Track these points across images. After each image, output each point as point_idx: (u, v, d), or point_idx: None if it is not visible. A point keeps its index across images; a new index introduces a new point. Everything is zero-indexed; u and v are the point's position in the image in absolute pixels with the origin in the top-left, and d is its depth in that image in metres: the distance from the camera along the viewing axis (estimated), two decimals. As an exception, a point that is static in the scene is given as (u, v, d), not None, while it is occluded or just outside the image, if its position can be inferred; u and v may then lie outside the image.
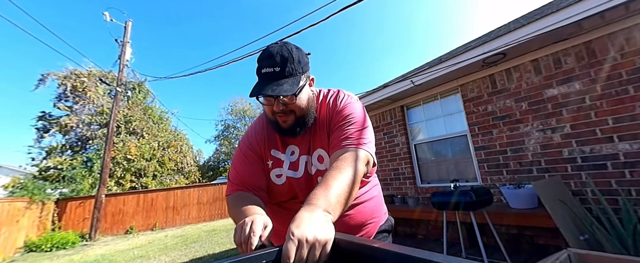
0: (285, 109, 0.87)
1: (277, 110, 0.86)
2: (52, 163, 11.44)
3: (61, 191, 10.31)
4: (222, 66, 9.01)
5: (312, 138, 0.98)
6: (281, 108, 0.86)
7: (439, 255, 0.36)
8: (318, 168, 0.94)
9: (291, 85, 0.81)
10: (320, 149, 0.95)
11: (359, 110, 0.96)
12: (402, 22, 57.70)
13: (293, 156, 0.97)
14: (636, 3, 2.17)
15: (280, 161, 0.98)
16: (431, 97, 4.10)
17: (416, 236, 4.04)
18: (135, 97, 15.09)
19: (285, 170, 0.96)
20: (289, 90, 0.79)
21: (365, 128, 0.91)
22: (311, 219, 0.56)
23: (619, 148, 2.37)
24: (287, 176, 0.95)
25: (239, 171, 0.98)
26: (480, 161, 3.35)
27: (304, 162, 0.96)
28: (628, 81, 2.33)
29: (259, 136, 1.02)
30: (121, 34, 10.05)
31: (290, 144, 0.99)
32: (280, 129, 0.93)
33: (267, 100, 0.86)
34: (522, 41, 2.68)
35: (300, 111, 0.89)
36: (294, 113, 0.89)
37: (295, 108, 0.88)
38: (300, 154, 0.97)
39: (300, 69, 0.85)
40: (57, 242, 7.29)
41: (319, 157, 0.95)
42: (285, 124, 0.90)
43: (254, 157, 0.99)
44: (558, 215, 2.04)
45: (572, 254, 0.54)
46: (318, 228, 0.53)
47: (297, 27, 5.48)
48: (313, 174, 0.94)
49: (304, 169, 0.95)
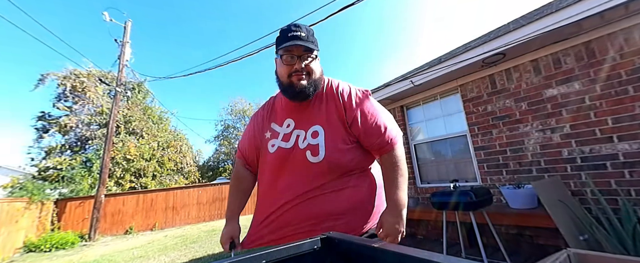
0: (304, 69, 0.99)
1: (298, 68, 0.98)
2: (52, 163, 11.41)
3: (60, 192, 10.29)
4: (221, 66, 8.99)
5: (311, 113, 1.06)
6: (303, 65, 0.98)
7: (438, 255, 0.36)
8: (310, 142, 1.01)
9: (314, 46, 0.99)
10: (317, 126, 1.03)
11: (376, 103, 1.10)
12: (402, 22, 57.72)
13: (288, 129, 1.08)
14: (636, 3, 2.17)
15: (276, 133, 1.10)
16: (431, 98, 4.10)
17: (416, 236, 4.04)
18: (135, 98, 15.07)
19: (279, 141, 1.07)
20: (313, 48, 0.98)
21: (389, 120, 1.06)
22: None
23: (618, 148, 2.37)
24: (279, 146, 1.06)
25: (242, 142, 1.22)
26: (480, 161, 3.35)
27: (296, 136, 1.04)
28: (627, 81, 2.33)
29: (265, 112, 1.19)
30: (121, 34, 10.05)
31: (288, 117, 1.10)
32: (293, 90, 1.01)
33: (288, 59, 0.99)
34: (522, 41, 2.69)
35: (314, 75, 1.02)
36: (309, 75, 1.01)
37: (311, 70, 1.01)
38: (294, 128, 1.07)
39: (316, 44, 1.03)
40: (56, 242, 7.28)
41: (313, 133, 1.02)
42: (299, 84, 0.99)
43: (254, 132, 1.17)
44: (558, 215, 2.04)
45: (571, 254, 0.54)
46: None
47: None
48: (303, 148, 1.01)
49: (294, 141, 1.04)
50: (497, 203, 3.07)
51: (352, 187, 1.01)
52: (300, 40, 0.96)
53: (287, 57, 0.98)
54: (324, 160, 0.98)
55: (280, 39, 1.00)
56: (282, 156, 1.04)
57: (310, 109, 1.06)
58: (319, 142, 0.99)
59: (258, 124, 1.18)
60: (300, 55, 0.97)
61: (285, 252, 0.52)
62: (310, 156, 0.99)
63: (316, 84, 1.03)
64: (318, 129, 1.02)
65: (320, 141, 1.00)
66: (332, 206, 0.98)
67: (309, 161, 0.99)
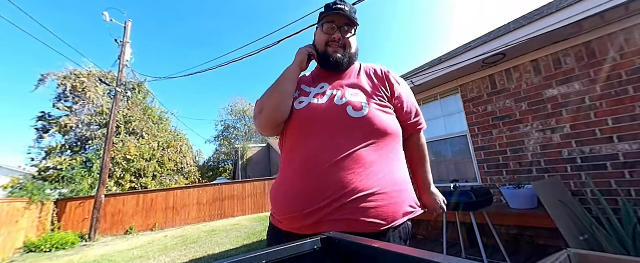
0: (342, 40, 1.00)
1: (337, 38, 1.00)
2: (52, 163, 11.40)
3: (60, 192, 10.28)
4: (222, 66, 9.00)
5: (348, 80, 1.03)
6: (340, 36, 1.00)
7: (438, 255, 0.36)
8: (350, 99, 0.93)
9: (355, 20, 1.00)
10: (357, 88, 0.98)
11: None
12: (402, 23, 57.70)
13: (321, 89, 1.01)
14: (636, 3, 2.17)
15: (306, 92, 1.03)
16: (431, 98, 4.10)
17: (416, 236, 4.04)
18: (135, 98, 15.07)
19: (310, 98, 0.98)
20: (355, 21, 1.00)
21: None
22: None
23: (618, 148, 2.37)
24: (310, 101, 0.96)
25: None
26: (479, 161, 3.35)
27: (331, 93, 0.97)
28: (627, 81, 2.33)
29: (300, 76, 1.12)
30: (121, 34, 10.04)
31: (322, 81, 1.05)
32: (327, 60, 1.02)
33: (329, 28, 1.01)
34: (522, 41, 2.69)
35: (350, 48, 1.03)
36: (345, 47, 1.02)
37: (348, 43, 1.02)
38: (329, 88, 1.00)
39: (356, 19, 1.02)
40: (56, 242, 7.27)
41: (353, 92, 0.96)
42: (334, 53, 1.00)
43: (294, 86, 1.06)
44: (558, 215, 2.04)
45: (571, 254, 0.54)
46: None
47: (297, 27, 5.48)
48: (341, 103, 0.92)
49: (328, 97, 0.96)
50: (497, 203, 3.07)
51: (397, 159, 0.94)
52: (344, 12, 0.98)
53: (328, 26, 1.01)
54: (367, 115, 0.88)
55: (324, 11, 1.02)
56: (314, 112, 0.92)
57: (346, 78, 1.04)
58: (361, 100, 0.92)
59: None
60: (340, 26, 1.00)
61: (285, 252, 0.52)
62: (351, 111, 0.89)
63: (350, 57, 1.04)
64: (358, 91, 0.97)
65: (362, 99, 0.93)
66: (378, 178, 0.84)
67: (350, 116, 0.88)
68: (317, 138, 0.88)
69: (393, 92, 1.01)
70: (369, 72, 1.06)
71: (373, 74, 1.05)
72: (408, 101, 1.05)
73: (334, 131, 0.87)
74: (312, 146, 0.88)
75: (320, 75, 1.08)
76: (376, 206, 0.81)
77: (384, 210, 0.82)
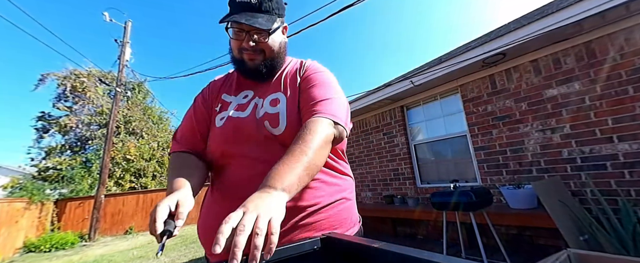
0: (255, 47, 0.80)
1: (247, 46, 0.79)
2: (52, 164, 11.41)
3: (60, 192, 10.29)
4: (222, 66, 8.99)
5: (272, 83, 0.87)
6: (252, 44, 0.79)
7: (438, 256, 0.36)
8: (267, 111, 0.79)
9: (267, 21, 0.77)
10: (279, 93, 0.84)
11: (332, 77, 0.89)
12: (402, 23, 57.76)
13: (245, 99, 0.86)
14: (636, 3, 2.17)
15: (227, 103, 0.87)
16: (431, 98, 4.10)
17: (416, 236, 4.04)
18: (135, 98, 15.07)
19: (231, 111, 0.83)
20: (264, 24, 0.76)
21: (337, 98, 0.80)
22: (262, 198, 0.50)
23: (618, 148, 2.37)
24: (229, 115, 0.82)
25: (183, 127, 0.90)
26: (480, 162, 3.35)
27: (254, 104, 0.83)
28: (628, 82, 2.33)
29: (216, 84, 0.96)
30: (121, 35, 10.05)
31: (246, 89, 0.89)
32: (245, 68, 0.84)
33: (237, 33, 0.79)
34: (522, 41, 2.69)
35: (270, 53, 0.83)
36: (263, 53, 0.82)
37: (266, 47, 0.81)
38: (253, 98, 0.86)
39: (277, 9, 0.81)
40: (56, 242, 7.27)
41: (273, 100, 0.82)
42: (251, 62, 0.82)
43: (202, 110, 0.90)
44: (558, 216, 2.04)
45: (571, 254, 0.54)
46: (269, 207, 0.47)
47: (297, 27, 5.48)
48: (260, 117, 0.79)
49: (251, 110, 0.82)
50: (497, 204, 3.07)
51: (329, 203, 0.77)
52: (249, 13, 0.76)
53: (234, 31, 0.80)
54: (285, 132, 0.76)
55: (229, 1, 0.80)
56: (233, 128, 0.80)
57: (271, 83, 0.88)
58: (279, 110, 0.79)
59: (207, 101, 0.92)
60: (249, 30, 0.78)
61: (284, 252, 0.52)
62: (270, 126, 0.77)
63: (273, 63, 0.85)
64: (279, 97, 0.83)
65: (281, 109, 0.79)
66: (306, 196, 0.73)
67: (269, 132, 0.77)
68: (239, 162, 0.78)
69: (303, 79, 0.86)
70: (293, 72, 0.89)
71: (297, 74, 0.88)
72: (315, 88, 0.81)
73: (255, 152, 0.76)
74: (234, 171, 0.78)
75: (245, 81, 0.91)
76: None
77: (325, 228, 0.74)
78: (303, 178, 0.59)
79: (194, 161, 0.82)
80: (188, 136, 0.87)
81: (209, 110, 0.90)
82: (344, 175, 0.87)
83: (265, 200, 0.49)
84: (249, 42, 0.79)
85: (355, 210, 0.87)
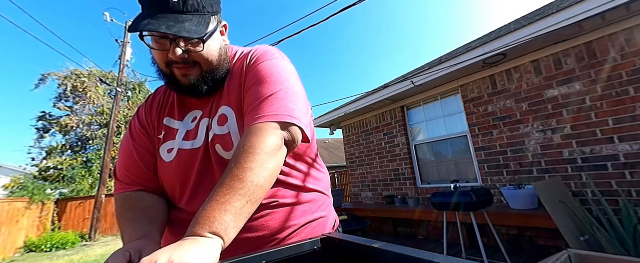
0: (187, 59, 0.62)
1: (175, 58, 0.60)
2: (52, 163, 11.44)
3: (61, 191, 10.32)
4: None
5: (218, 95, 0.71)
6: (181, 55, 0.60)
7: (439, 256, 0.36)
8: (216, 132, 0.65)
9: (197, 25, 0.58)
10: (225, 106, 0.68)
11: (281, 63, 0.70)
12: (402, 23, 57.79)
13: (193, 123, 0.70)
14: (637, 3, 2.17)
15: (173, 131, 0.71)
16: (431, 98, 4.09)
17: (416, 236, 4.04)
18: (136, 97, 15.08)
19: (178, 141, 0.69)
20: (194, 31, 0.56)
21: (286, 89, 0.64)
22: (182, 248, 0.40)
23: (619, 148, 2.36)
24: (179, 148, 0.68)
25: (124, 162, 0.72)
26: (480, 162, 3.35)
27: (205, 127, 0.68)
28: (628, 82, 2.33)
29: (153, 104, 0.77)
30: (121, 34, 10.06)
31: (193, 109, 0.73)
32: (179, 86, 0.66)
33: (157, 41, 0.60)
34: (523, 41, 2.68)
35: (208, 64, 0.65)
36: (199, 66, 0.64)
37: (201, 58, 0.63)
38: (201, 118, 0.70)
39: (209, 5, 0.62)
40: (56, 242, 7.29)
41: (219, 118, 0.67)
42: (185, 79, 0.64)
43: (144, 140, 0.73)
44: (558, 216, 2.03)
45: (572, 255, 0.54)
46: (186, 259, 0.38)
47: (297, 27, 5.49)
48: (210, 140, 0.66)
49: (203, 137, 0.67)
50: (498, 204, 3.07)
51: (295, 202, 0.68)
52: (169, 15, 0.56)
53: (153, 38, 0.60)
54: None
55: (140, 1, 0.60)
56: (185, 165, 0.66)
57: (219, 95, 0.71)
58: (229, 129, 0.65)
59: (145, 128, 0.75)
60: (174, 38, 0.58)
61: (285, 252, 0.52)
62: (222, 151, 0.64)
63: (214, 75, 0.67)
64: (225, 112, 0.67)
65: (231, 126, 0.65)
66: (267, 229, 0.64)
67: (224, 159, 0.64)
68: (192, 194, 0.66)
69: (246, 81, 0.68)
70: (239, 73, 0.71)
71: (242, 72, 0.71)
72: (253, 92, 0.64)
73: (212, 181, 0.63)
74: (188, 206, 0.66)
75: (188, 98, 0.73)
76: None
77: None
78: (242, 211, 0.48)
79: (149, 199, 0.67)
80: (134, 172, 0.70)
81: (151, 138, 0.73)
82: (312, 191, 0.73)
83: (186, 251, 0.39)
84: (178, 54, 0.59)
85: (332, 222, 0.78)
